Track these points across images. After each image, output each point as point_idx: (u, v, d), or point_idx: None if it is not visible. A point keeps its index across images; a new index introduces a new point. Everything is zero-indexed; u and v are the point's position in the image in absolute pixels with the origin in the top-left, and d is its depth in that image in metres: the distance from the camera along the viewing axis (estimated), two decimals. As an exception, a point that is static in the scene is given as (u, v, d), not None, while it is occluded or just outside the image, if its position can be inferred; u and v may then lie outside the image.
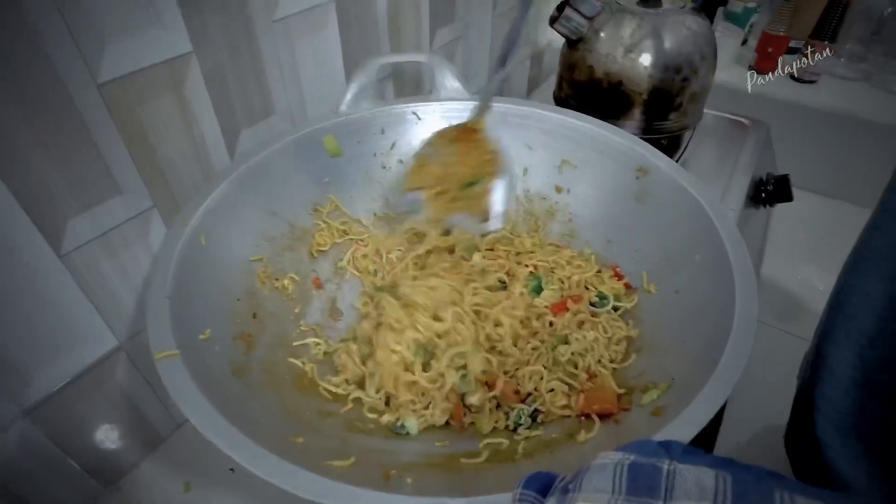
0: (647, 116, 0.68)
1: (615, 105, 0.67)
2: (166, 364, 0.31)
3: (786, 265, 0.90)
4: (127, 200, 0.43)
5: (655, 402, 0.33)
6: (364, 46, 0.62)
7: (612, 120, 0.68)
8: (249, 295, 0.44)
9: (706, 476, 0.18)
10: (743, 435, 0.68)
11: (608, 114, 0.68)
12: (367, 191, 0.56)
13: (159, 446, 0.54)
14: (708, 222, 0.41)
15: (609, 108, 0.67)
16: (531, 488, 0.23)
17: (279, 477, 0.26)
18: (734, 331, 0.32)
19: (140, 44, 0.40)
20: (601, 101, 0.67)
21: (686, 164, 0.75)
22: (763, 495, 0.17)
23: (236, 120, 0.51)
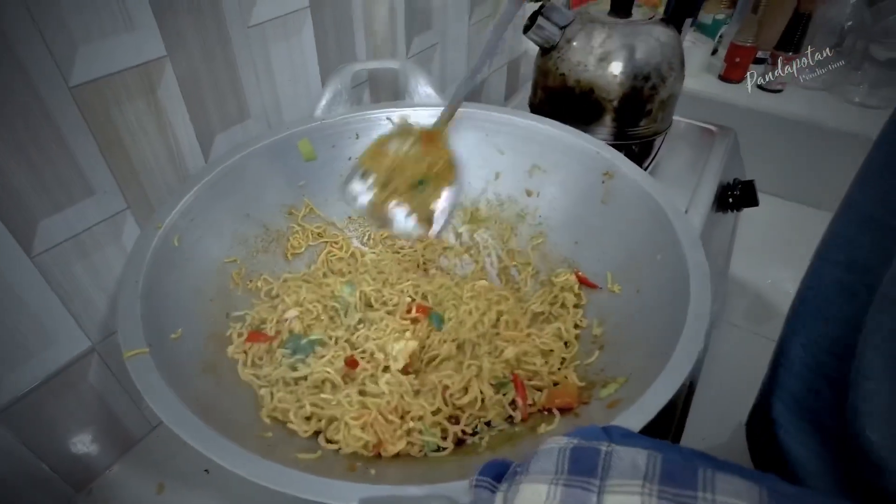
0: (618, 123, 0.70)
1: (587, 112, 0.69)
2: (136, 362, 0.32)
3: (754, 268, 0.92)
4: (100, 202, 0.43)
5: (613, 396, 0.35)
6: (340, 52, 0.63)
7: (585, 126, 0.70)
8: (223, 296, 0.45)
9: (639, 456, 0.20)
10: (709, 430, 0.70)
11: (581, 120, 0.70)
12: (342, 194, 0.57)
13: (132, 448, 0.54)
14: (667, 224, 0.43)
15: (582, 115, 0.69)
16: (487, 475, 0.24)
17: (246, 468, 0.27)
18: (686, 327, 0.34)
19: (113, 47, 0.40)
20: (574, 107, 0.69)
21: (657, 168, 0.78)
22: (688, 472, 0.18)
23: (211, 123, 0.51)
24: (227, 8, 0.48)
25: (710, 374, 0.74)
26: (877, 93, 0.99)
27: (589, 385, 0.39)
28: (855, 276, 0.39)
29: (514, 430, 0.38)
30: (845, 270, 0.41)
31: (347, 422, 0.36)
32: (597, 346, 0.43)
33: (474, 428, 0.39)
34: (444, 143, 0.48)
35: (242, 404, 0.37)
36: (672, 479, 0.18)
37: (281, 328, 0.45)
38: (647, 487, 0.18)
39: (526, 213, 0.57)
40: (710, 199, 0.73)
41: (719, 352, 0.78)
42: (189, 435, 0.28)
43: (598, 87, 0.67)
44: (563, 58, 0.69)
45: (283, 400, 0.38)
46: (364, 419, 0.36)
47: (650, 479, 0.19)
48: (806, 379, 0.42)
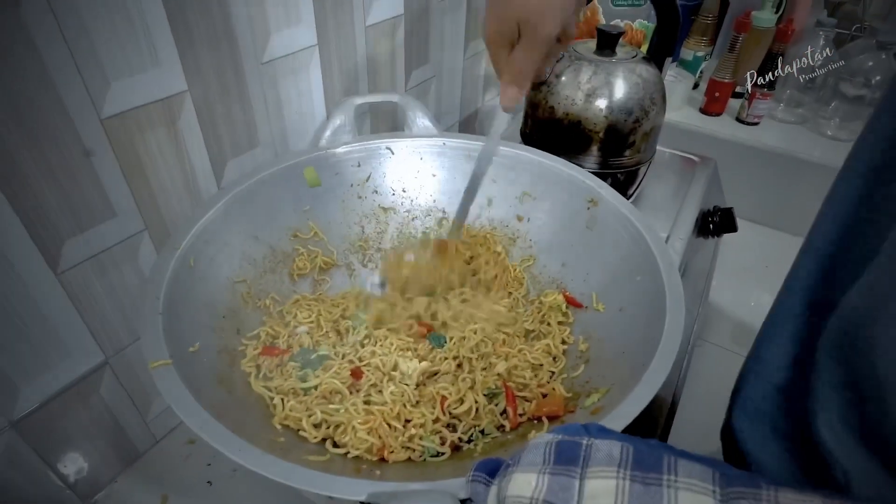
0: (603, 153, 0.75)
1: (576, 142, 0.74)
2: (161, 372, 0.34)
3: (733, 291, 0.96)
4: (120, 223, 0.47)
5: (596, 404, 0.38)
6: (344, 86, 0.67)
7: (573, 155, 0.75)
8: (233, 313, 0.48)
9: (614, 447, 0.23)
10: (691, 444, 0.72)
11: (570, 150, 0.74)
12: (344, 218, 0.60)
13: (136, 461, 0.56)
14: (647, 248, 0.47)
15: (570, 145, 0.74)
16: (482, 470, 0.27)
17: (263, 467, 0.29)
18: (662, 342, 0.37)
19: (141, 83, 0.44)
20: (563, 138, 0.74)
21: (642, 195, 0.82)
22: (655, 459, 0.22)
23: (224, 151, 0.55)
24: (243, 46, 0.52)
25: (693, 391, 0.77)
26: (847, 126, 1.05)
27: (575, 395, 0.42)
28: (799, 299, 0.43)
29: (506, 437, 0.41)
30: (795, 296, 0.45)
31: (355, 426, 0.39)
32: (583, 360, 0.46)
33: (470, 436, 0.42)
34: (456, 251, 0.53)
35: (254, 413, 0.40)
36: (642, 464, 0.22)
37: (292, 343, 0.48)
38: (621, 472, 0.22)
39: (517, 236, 0.60)
40: (691, 225, 0.77)
41: (701, 370, 0.81)
42: (215, 439, 0.30)
43: (586, 119, 0.72)
44: (552, 92, 0.73)
45: (294, 408, 0.41)
46: (370, 424, 0.39)
47: (623, 465, 0.22)
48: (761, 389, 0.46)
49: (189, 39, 0.47)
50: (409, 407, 0.42)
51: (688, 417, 0.72)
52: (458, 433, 0.41)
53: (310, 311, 0.52)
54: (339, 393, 0.43)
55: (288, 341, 0.49)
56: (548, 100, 0.74)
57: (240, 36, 0.51)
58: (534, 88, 0.76)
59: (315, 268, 0.58)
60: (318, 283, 0.58)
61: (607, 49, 0.73)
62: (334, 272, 0.59)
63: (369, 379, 0.45)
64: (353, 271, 0.60)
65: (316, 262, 0.57)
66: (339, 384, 0.44)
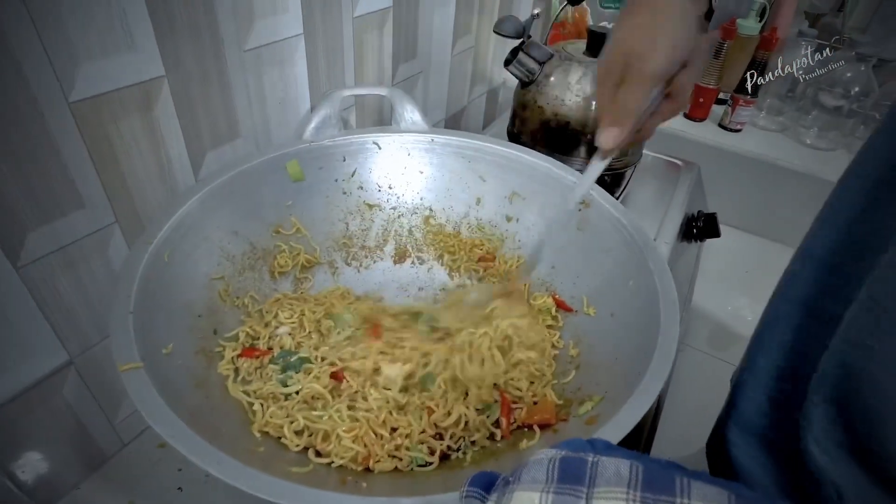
0: (591, 154, 0.74)
1: (563, 142, 0.73)
2: (131, 376, 0.32)
3: (716, 296, 0.97)
4: (89, 215, 0.44)
5: (590, 413, 0.37)
6: (330, 78, 0.65)
7: (561, 155, 0.74)
8: (210, 312, 0.45)
9: (623, 466, 0.22)
10: (672, 446, 0.73)
11: (558, 149, 0.73)
12: (328, 214, 0.58)
13: (102, 466, 0.53)
14: (639, 252, 0.46)
15: (558, 145, 0.73)
16: (476, 485, 0.26)
17: (241, 480, 0.27)
18: (657, 349, 0.37)
19: (114, 66, 0.41)
20: (551, 138, 0.73)
21: (628, 198, 0.82)
22: (667, 479, 0.21)
23: (202, 142, 0.52)
24: (225, 32, 0.49)
25: (674, 395, 0.77)
26: (825, 136, 1.07)
27: (566, 403, 0.41)
28: (799, 309, 0.43)
29: (496, 446, 0.40)
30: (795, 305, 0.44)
31: (339, 434, 0.37)
32: (573, 366, 0.45)
33: (458, 444, 0.40)
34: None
35: (232, 419, 0.38)
36: (652, 486, 0.20)
37: (273, 344, 0.46)
38: (630, 494, 0.20)
39: (506, 237, 0.59)
40: (676, 229, 0.78)
41: (682, 374, 0.82)
42: (188, 449, 0.28)
43: (574, 120, 0.71)
44: (541, 91, 0.72)
45: (274, 415, 0.39)
46: (355, 432, 0.37)
47: (633, 486, 0.21)
48: (755, 401, 0.45)
49: (168, 22, 0.44)
50: (395, 414, 0.40)
51: (670, 421, 0.72)
52: (446, 441, 0.40)
53: (291, 311, 0.50)
54: (322, 398, 0.41)
55: (268, 342, 0.47)
56: (537, 99, 0.73)
57: (222, 21, 0.49)
58: (523, 87, 0.75)
59: (297, 265, 0.55)
60: (299, 281, 0.56)
61: (596, 50, 0.73)
62: (317, 270, 0.57)
63: (351, 385, 0.43)
64: (336, 269, 0.58)
65: (298, 260, 0.55)
66: (321, 388, 0.42)
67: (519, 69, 0.72)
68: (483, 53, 1.01)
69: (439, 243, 0.61)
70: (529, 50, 0.71)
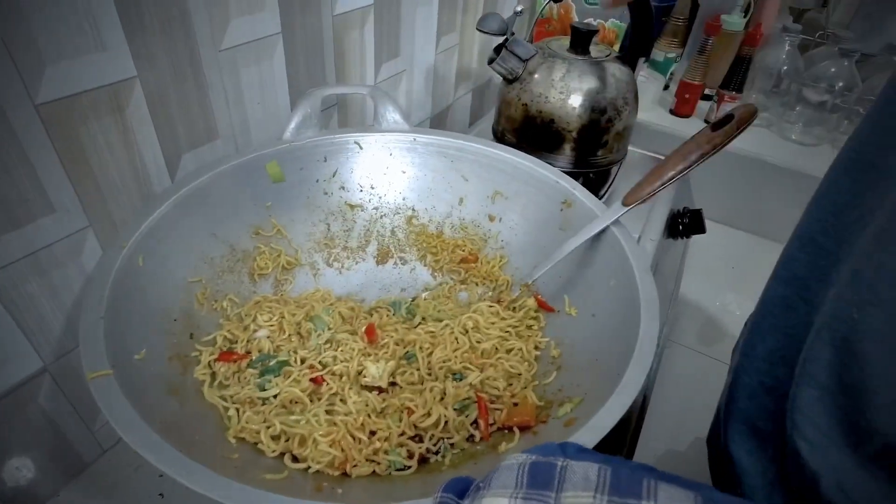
0: (577, 152, 0.74)
1: (548, 140, 0.72)
2: (99, 384, 0.31)
3: (703, 292, 0.97)
4: (60, 220, 0.43)
5: (569, 415, 0.37)
6: (310, 77, 0.64)
7: (546, 153, 0.73)
8: (187, 316, 0.45)
9: (591, 470, 0.21)
10: (660, 447, 0.73)
11: (542, 147, 0.73)
12: (309, 215, 0.58)
13: (81, 473, 0.52)
14: (621, 251, 0.46)
15: (543, 143, 0.73)
16: (450, 491, 0.26)
17: (212, 490, 0.27)
18: (636, 350, 0.36)
19: (82, 67, 0.40)
20: (535, 135, 0.73)
21: (613, 196, 0.82)
22: (634, 482, 0.20)
23: (179, 143, 0.52)
24: (199, 32, 0.49)
25: (663, 392, 0.77)
26: (810, 131, 1.08)
27: (547, 404, 0.41)
28: (793, 291, 0.43)
29: (475, 448, 0.39)
30: (786, 286, 0.45)
31: (316, 438, 0.36)
32: (554, 366, 0.45)
33: (437, 446, 0.40)
34: None
35: (207, 426, 0.37)
36: (619, 489, 0.20)
37: (251, 347, 0.45)
38: (598, 497, 0.20)
39: (489, 236, 0.59)
40: (661, 226, 0.78)
41: (671, 371, 0.82)
42: (157, 458, 0.28)
43: (559, 118, 0.71)
44: (525, 89, 0.72)
45: (250, 420, 0.38)
46: (332, 436, 0.37)
47: (600, 489, 0.20)
48: (749, 388, 0.46)
49: (139, 21, 0.43)
50: (374, 417, 0.40)
51: (657, 418, 0.72)
52: (425, 444, 0.39)
53: (271, 314, 0.49)
54: (300, 402, 0.41)
55: (247, 346, 0.46)
56: (521, 97, 0.72)
57: (196, 20, 0.48)
58: (507, 84, 0.74)
59: (277, 267, 0.55)
60: (280, 283, 0.55)
61: (580, 47, 0.72)
62: (298, 272, 0.57)
63: (331, 388, 0.42)
64: (317, 271, 0.58)
65: (278, 262, 0.55)
66: (300, 393, 0.41)
67: (502, 67, 0.71)
68: (468, 51, 1.00)
69: (422, 244, 0.60)
70: (513, 47, 0.71)
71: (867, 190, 0.38)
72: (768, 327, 0.46)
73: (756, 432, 0.44)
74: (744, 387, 0.47)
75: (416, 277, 0.60)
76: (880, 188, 0.36)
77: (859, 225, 0.37)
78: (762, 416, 0.44)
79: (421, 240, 0.60)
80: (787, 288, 0.44)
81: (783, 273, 0.45)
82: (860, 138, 0.40)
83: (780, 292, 0.45)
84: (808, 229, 0.43)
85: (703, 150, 0.49)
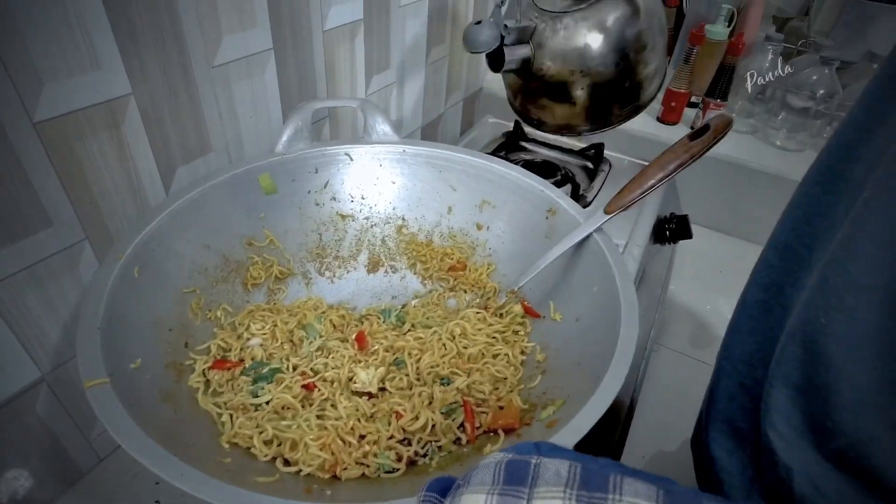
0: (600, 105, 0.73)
1: (566, 100, 0.71)
2: (96, 391, 0.33)
3: (691, 296, 0.99)
4: (57, 233, 0.44)
5: (551, 417, 0.38)
6: (301, 90, 0.66)
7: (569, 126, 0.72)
8: (182, 325, 0.46)
9: (562, 466, 0.23)
10: (649, 450, 0.74)
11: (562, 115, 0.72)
12: (301, 226, 0.59)
13: (78, 482, 0.53)
14: (603, 258, 0.47)
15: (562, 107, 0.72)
16: (433, 490, 0.27)
17: (205, 491, 0.28)
18: (616, 353, 0.38)
19: (78, 85, 0.42)
20: (555, 97, 0.71)
21: (601, 203, 0.83)
22: (602, 478, 0.22)
23: (173, 157, 0.53)
24: (192, 48, 0.50)
25: (651, 395, 0.79)
26: (794, 137, 1.10)
27: (531, 407, 0.42)
28: (771, 295, 0.45)
29: (462, 451, 0.41)
30: (764, 290, 0.46)
31: (307, 442, 0.38)
32: (539, 370, 0.46)
33: (425, 449, 0.41)
34: None
35: (201, 432, 0.38)
36: (588, 484, 0.22)
37: (244, 355, 0.47)
38: (567, 492, 0.22)
39: (477, 244, 0.60)
40: (648, 232, 0.79)
41: (659, 374, 0.83)
42: (151, 462, 0.29)
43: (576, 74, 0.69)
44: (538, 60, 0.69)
45: (243, 425, 0.39)
46: (323, 440, 0.38)
47: (570, 485, 0.22)
48: (728, 389, 0.47)
49: (132, 40, 0.45)
50: (364, 421, 0.41)
51: (645, 421, 0.73)
52: (413, 447, 0.40)
53: (264, 322, 0.51)
54: (292, 408, 0.42)
55: (240, 354, 0.48)
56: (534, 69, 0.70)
57: (189, 38, 0.49)
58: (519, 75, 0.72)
59: (270, 277, 0.56)
60: (273, 292, 0.56)
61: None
62: (290, 281, 0.58)
63: (322, 393, 0.43)
64: (309, 280, 0.59)
65: (271, 271, 0.56)
66: (291, 399, 0.42)
67: (515, 63, 0.69)
68: (458, 61, 1.02)
69: (412, 252, 0.62)
70: (511, 43, 0.67)
71: (836, 200, 0.39)
72: (747, 330, 0.47)
73: (736, 432, 0.46)
74: (724, 388, 0.48)
75: (407, 285, 0.61)
76: (846, 199, 0.38)
77: (829, 233, 0.39)
78: (741, 417, 0.46)
79: (411, 248, 0.62)
80: (765, 293, 0.46)
81: (760, 278, 0.47)
82: (830, 150, 0.42)
83: (758, 297, 0.47)
84: (783, 236, 0.45)
85: (681, 160, 0.50)
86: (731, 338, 0.49)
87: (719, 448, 0.47)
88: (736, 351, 0.48)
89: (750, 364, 0.46)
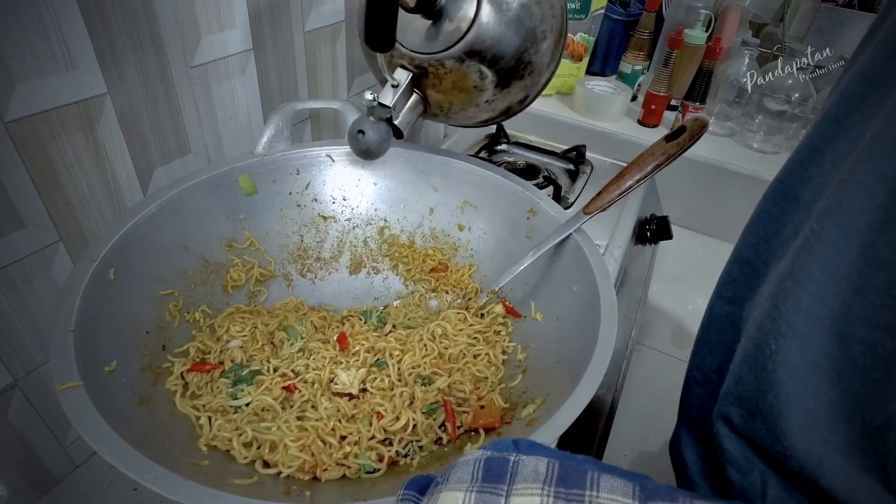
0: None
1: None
2: (69, 395, 0.32)
3: (672, 297, 1.00)
4: (30, 234, 0.43)
5: (531, 415, 0.38)
6: (282, 92, 0.66)
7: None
8: (159, 328, 0.45)
9: (541, 463, 0.23)
10: (632, 449, 0.75)
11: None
12: (282, 227, 0.58)
13: (52, 489, 0.52)
14: (583, 258, 0.48)
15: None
16: (412, 489, 0.27)
17: (180, 493, 0.28)
18: (595, 352, 0.38)
19: (52, 85, 0.41)
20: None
21: (581, 203, 0.84)
22: (579, 475, 0.22)
23: (150, 158, 0.52)
24: (170, 49, 0.50)
25: (633, 395, 0.79)
26: (770, 139, 1.12)
27: (512, 406, 0.42)
28: (736, 309, 0.45)
29: (443, 450, 0.41)
30: (728, 304, 0.47)
31: (287, 443, 0.37)
32: (520, 370, 0.47)
33: (407, 449, 0.41)
34: None
35: (178, 435, 0.38)
36: (566, 480, 0.22)
37: (224, 357, 0.46)
38: (545, 489, 0.22)
39: (458, 245, 0.60)
40: (629, 232, 0.80)
41: (640, 374, 0.84)
42: (125, 465, 0.28)
43: None
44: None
45: (222, 428, 0.39)
46: (303, 441, 0.38)
47: (548, 481, 0.22)
48: (699, 397, 0.48)
49: (108, 40, 0.44)
50: (345, 422, 0.41)
51: (627, 421, 0.74)
52: (394, 447, 0.40)
53: (244, 324, 0.50)
54: (272, 410, 0.42)
55: (220, 356, 0.47)
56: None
57: (166, 39, 0.49)
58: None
59: (251, 279, 0.55)
60: (253, 294, 0.56)
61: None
62: (271, 283, 0.57)
63: (303, 394, 0.43)
64: (290, 282, 0.59)
65: (252, 273, 0.55)
66: (271, 401, 0.42)
67: (416, 118, 0.53)
68: (441, 64, 1.02)
69: (394, 254, 0.62)
70: (399, 110, 0.51)
71: (790, 220, 0.40)
72: (716, 343, 0.48)
73: (704, 439, 0.46)
74: (697, 396, 0.49)
75: (389, 286, 0.61)
76: (797, 219, 0.39)
77: (782, 252, 0.39)
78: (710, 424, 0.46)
79: (393, 250, 0.62)
80: (729, 306, 0.47)
81: (724, 292, 0.48)
82: (786, 169, 0.42)
83: (724, 310, 0.47)
84: (744, 251, 0.46)
85: (657, 161, 0.51)
86: (701, 349, 0.50)
87: (691, 452, 0.47)
88: (706, 361, 0.49)
89: (720, 374, 0.47)
